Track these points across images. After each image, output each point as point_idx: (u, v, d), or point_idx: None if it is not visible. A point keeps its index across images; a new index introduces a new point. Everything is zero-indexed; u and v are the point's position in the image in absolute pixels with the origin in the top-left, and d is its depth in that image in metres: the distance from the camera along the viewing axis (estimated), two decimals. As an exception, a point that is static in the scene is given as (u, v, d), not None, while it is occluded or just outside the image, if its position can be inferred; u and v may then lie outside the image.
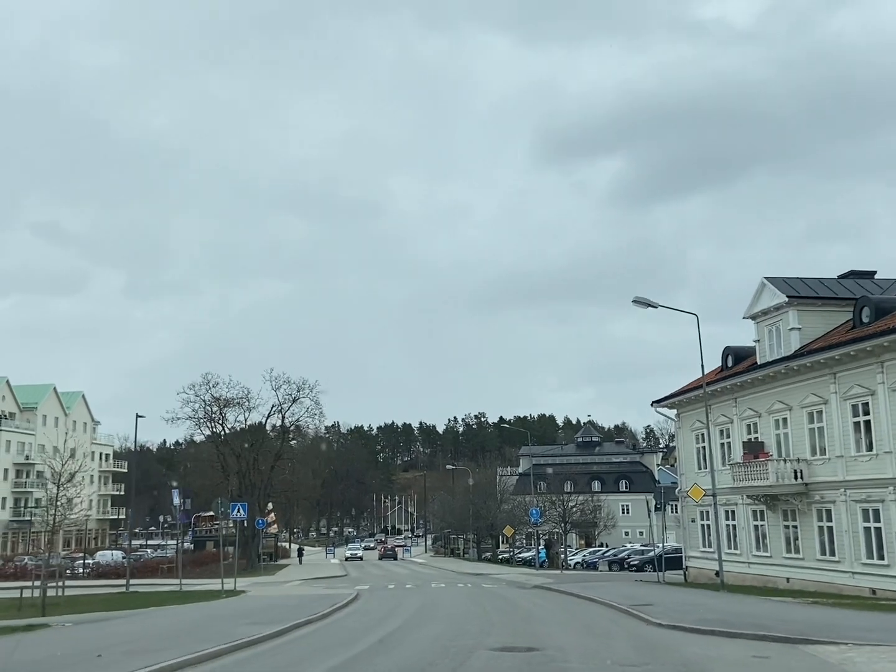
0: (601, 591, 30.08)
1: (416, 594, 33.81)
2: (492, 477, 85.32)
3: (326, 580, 48.94)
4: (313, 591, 36.50)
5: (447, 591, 35.13)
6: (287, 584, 43.54)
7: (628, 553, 58.68)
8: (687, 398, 42.54)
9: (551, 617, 21.72)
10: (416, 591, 36.42)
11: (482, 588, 37.22)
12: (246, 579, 51.15)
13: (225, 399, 73.36)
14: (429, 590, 36.63)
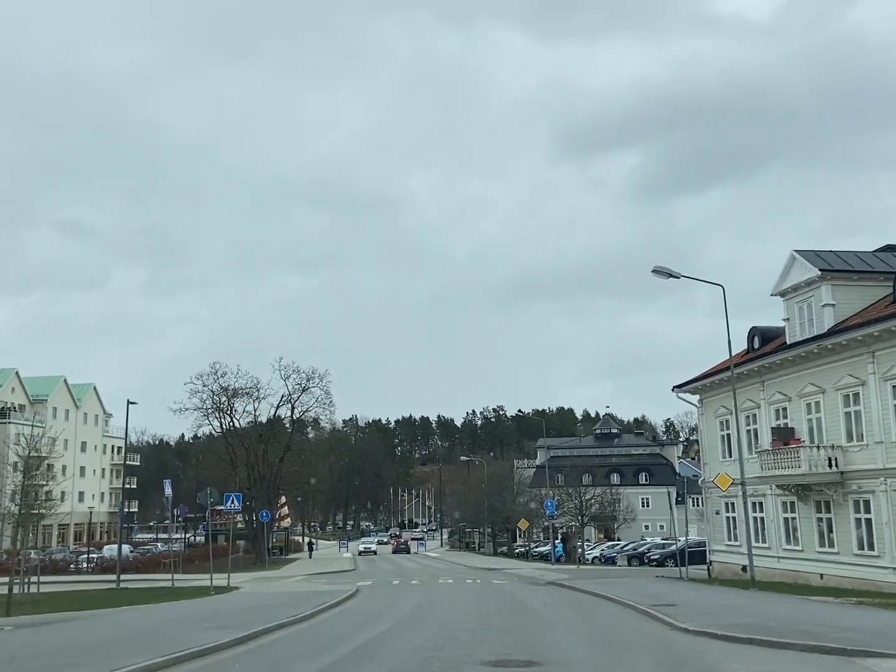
0: (619, 589, 27.24)
1: (418, 591, 31.12)
2: (508, 469, 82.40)
3: (331, 575, 46.35)
4: (311, 587, 33.87)
5: (452, 588, 32.40)
6: (288, 580, 40.95)
7: (648, 547, 55.71)
8: (710, 382, 39.51)
9: (561, 620, 18.92)
10: (420, 587, 33.73)
11: (491, 585, 34.45)
12: (247, 574, 48.72)
13: (233, 389, 70.92)
14: (433, 586, 33.92)
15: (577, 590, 30.00)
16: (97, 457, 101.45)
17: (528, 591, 30.73)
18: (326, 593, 28.64)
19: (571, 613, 20.53)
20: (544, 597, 27.04)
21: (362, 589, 32.98)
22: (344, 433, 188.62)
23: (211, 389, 70.74)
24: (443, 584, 35.20)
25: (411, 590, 32.27)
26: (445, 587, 33.40)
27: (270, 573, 49.51)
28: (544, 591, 30.12)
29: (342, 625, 18.70)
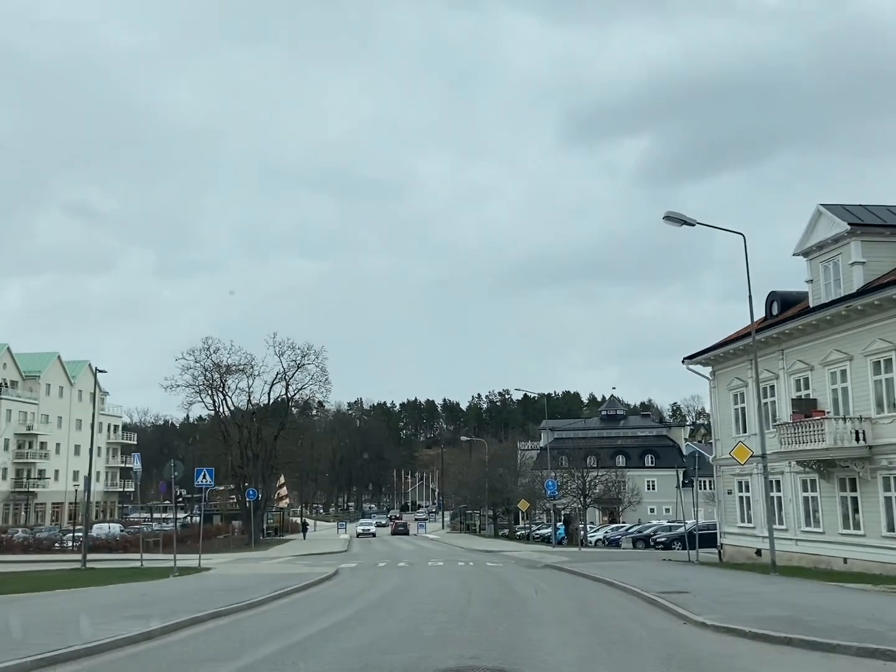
0: (622, 573, 24.12)
1: (401, 574, 28.11)
2: (511, 450, 79.22)
3: (318, 557, 43.39)
4: (289, 569, 30.85)
5: (439, 572, 29.35)
6: (270, 561, 37.98)
7: (654, 529, 52.58)
8: (724, 353, 36.21)
9: (553, 610, 15.81)
10: (405, 570, 30.68)
11: (483, 568, 31.37)
12: (231, 555, 45.87)
13: (226, 365, 67.85)
14: (420, 570, 30.86)
15: (576, 574, 26.90)
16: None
17: (522, 574, 27.65)
18: (298, 576, 25.65)
19: (566, 602, 17.42)
20: (538, 581, 23.94)
21: (342, 571, 30.00)
22: (349, 416, 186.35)
23: (203, 365, 67.73)
24: (431, 567, 32.15)
25: (395, 573, 29.23)
26: (432, 570, 30.36)
27: (256, 554, 46.61)
28: (540, 575, 27.03)
29: (293, 614, 15.64)
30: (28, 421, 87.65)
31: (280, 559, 40.81)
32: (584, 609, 15.98)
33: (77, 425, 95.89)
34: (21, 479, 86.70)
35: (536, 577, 25.70)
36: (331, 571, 28.41)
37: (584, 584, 22.99)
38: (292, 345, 69.08)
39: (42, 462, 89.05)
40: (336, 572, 28.85)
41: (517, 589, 21.08)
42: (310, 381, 69.44)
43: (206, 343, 67.36)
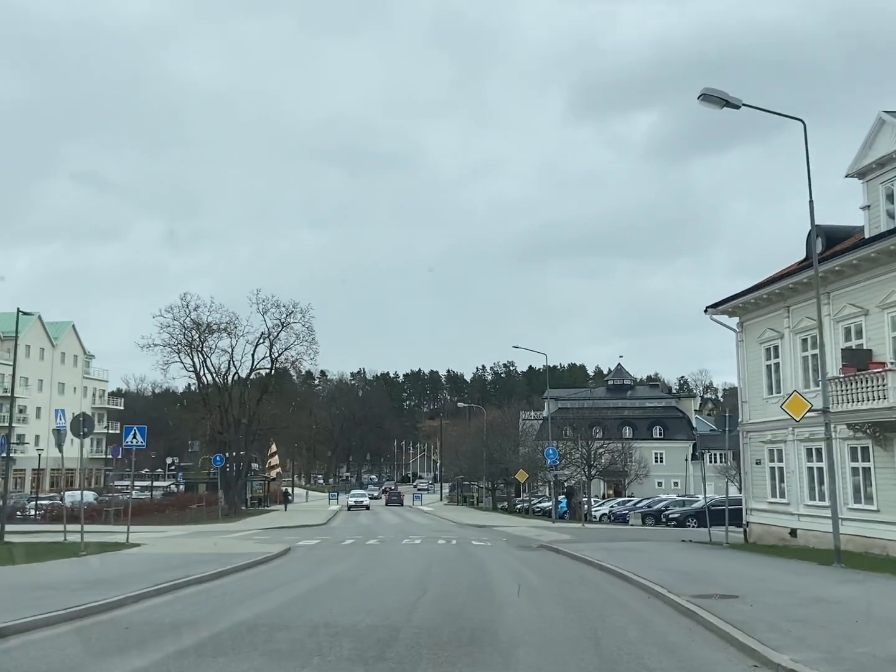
0: (636, 560, 18.58)
1: (359, 557, 22.69)
2: (513, 418, 73.27)
3: (287, 531, 38.01)
4: (233, 547, 25.39)
5: (408, 554, 23.86)
6: (224, 536, 32.58)
7: (665, 504, 47.04)
8: (756, 299, 30.37)
9: (536, 627, 10.21)
10: (369, 550, 25.18)
11: (465, 549, 25.84)
12: (188, 528, 40.63)
13: (206, 324, 62.25)
14: (387, 550, 25.37)
15: (577, 559, 21.35)
16: (76, 399, 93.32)
17: (509, 559, 22.12)
18: (229, 557, 20.25)
19: (557, 610, 11.82)
20: (527, 571, 18.37)
21: (296, 550, 24.63)
22: (351, 386, 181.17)
23: (182, 324, 62.19)
24: (403, 547, 26.67)
25: (354, 554, 23.79)
26: (401, 551, 24.87)
27: (220, 526, 41.26)
28: (531, 561, 21.47)
29: (152, 622, 10.08)
30: (4, 383, 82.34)
31: (241, 533, 35.43)
32: (584, 625, 10.37)
33: (59, 389, 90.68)
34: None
35: (526, 564, 20.13)
36: (277, 550, 23.05)
37: (585, 575, 17.43)
38: (277, 302, 63.52)
39: (20, 426, 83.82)
40: (286, 551, 23.49)
41: (495, 583, 15.49)
42: (295, 341, 63.95)
43: (185, 300, 61.85)
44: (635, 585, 14.50)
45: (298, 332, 63.60)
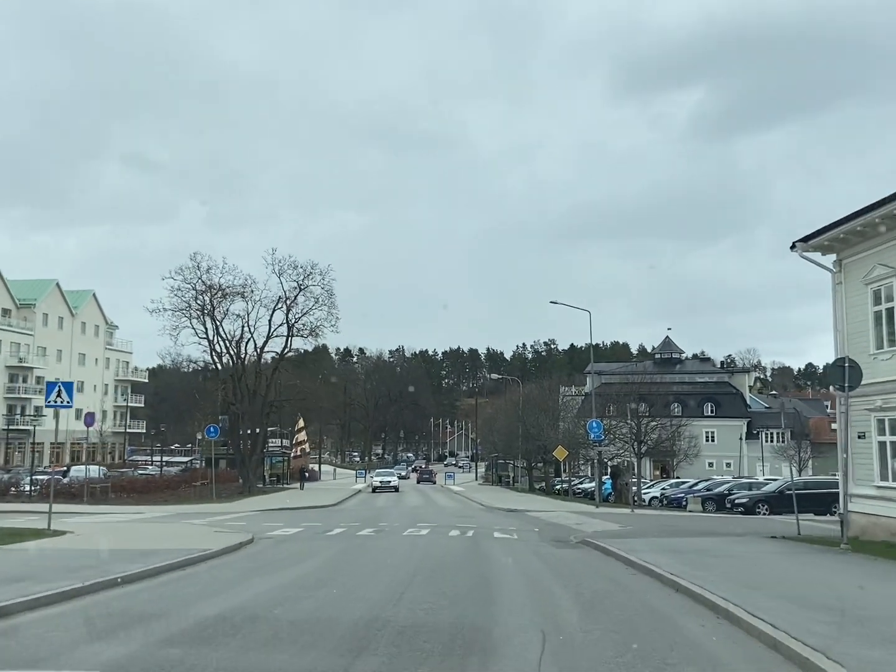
0: (728, 577, 11.90)
1: (321, 557, 16.25)
2: (552, 392, 66.09)
3: (280, 514, 31.85)
4: (184, 539, 19.12)
5: (396, 553, 17.17)
6: (201, 519, 26.47)
7: (728, 487, 39.79)
8: (862, 226, 23.05)
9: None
10: (348, 547, 18.55)
11: (479, 545, 19.04)
12: (171, 508, 34.79)
13: (218, 286, 56.07)
14: (371, 546, 18.72)
15: (636, 567, 14.60)
16: (98, 371, 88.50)
17: (537, 564, 15.43)
18: (152, 554, 13.95)
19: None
20: (560, 590, 11.72)
21: (259, 543, 18.52)
22: (389, 363, 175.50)
23: (193, 287, 56.12)
24: (400, 540, 20.13)
25: (326, 550, 17.44)
26: (392, 547, 18.33)
27: (206, 508, 35.27)
28: (567, 569, 14.76)
29: None
30: (21, 353, 77.47)
31: (222, 516, 29.19)
32: None
33: (80, 360, 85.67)
34: (14, 415, 76.77)
35: (559, 578, 13.43)
36: (224, 546, 16.74)
37: (657, 604, 10.60)
38: (294, 263, 57.14)
39: (38, 398, 78.96)
40: (240, 545, 17.28)
41: (501, 627, 8.71)
42: (314, 305, 57.57)
43: (195, 260, 55.69)
44: (769, 647, 7.64)
45: (317, 295, 57.30)
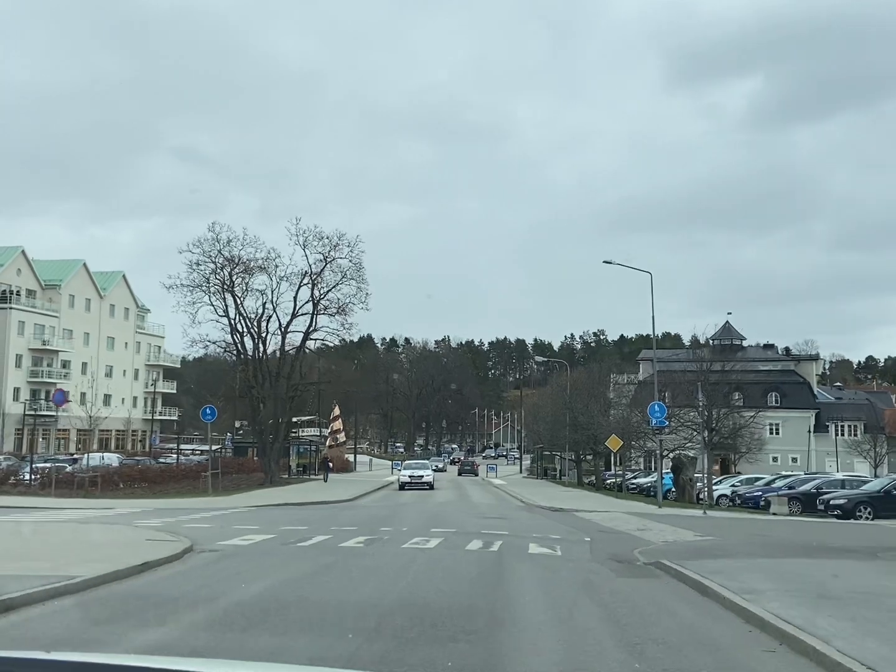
0: None
1: (245, 593, 9.88)
2: (603, 377, 59.10)
3: (292, 509, 26.25)
4: (112, 544, 13.14)
5: (362, 585, 10.78)
6: (158, 520, 20.56)
7: (816, 485, 32.70)
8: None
9: None
10: (299, 575, 12.08)
11: (502, 572, 12.44)
12: (154, 502, 29.13)
13: (238, 258, 50.43)
14: (343, 568, 12.44)
15: (770, 632, 8.04)
16: (128, 355, 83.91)
17: (589, 618, 8.89)
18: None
19: None
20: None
21: (190, 560, 12.49)
22: (435, 353, 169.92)
23: (213, 261, 50.61)
24: (401, 554, 13.98)
25: (278, 572, 11.49)
26: (376, 569, 12.08)
27: (192, 502, 29.53)
28: (644, 623, 8.36)
29: None
30: (45, 335, 73.02)
31: (209, 513, 23.44)
32: None
33: (108, 343, 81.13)
34: (38, 400, 72.33)
35: (634, 654, 6.94)
36: (114, 569, 10.70)
37: None
38: (319, 233, 51.26)
39: (63, 383, 74.51)
40: (165, 561, 11.52)
41: None
42: (342, 279, 51.65)
43: (214, 231, 50.09)
44: None
45: (345, 268, 51.40)
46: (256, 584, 10.60)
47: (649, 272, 35.39)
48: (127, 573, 11.10)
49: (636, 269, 36.45)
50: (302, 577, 11.23)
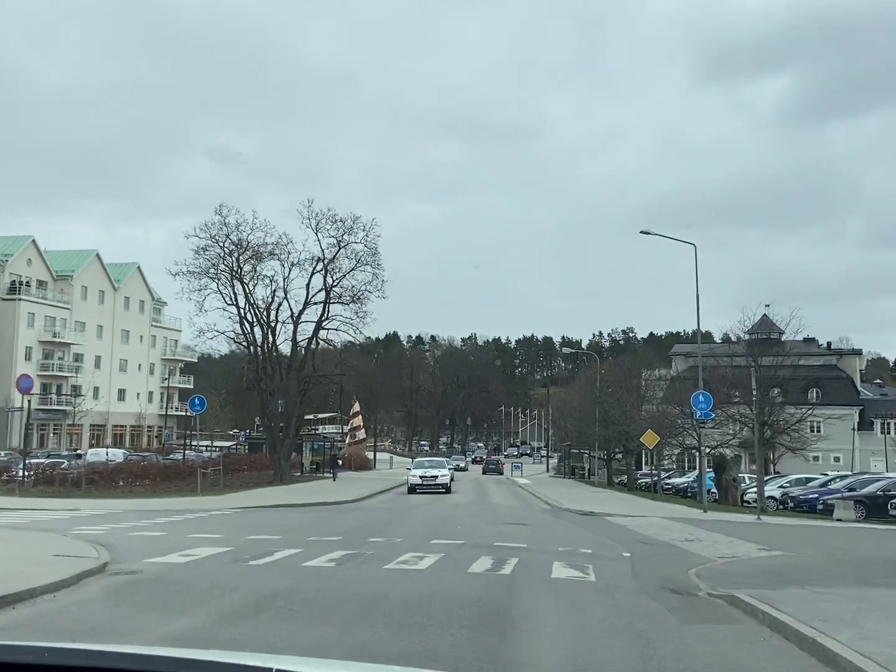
0: None
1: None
2: (635, 370, 54.78)
3: (289, 510, 22.78)
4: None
5: (295, 647, 7.05)
6: (90, 529, 17.04)
7: (883, 486, 28.38)
8: None
9: None
10: (230, 610, 8.45)
11: (511, 606, 8.82)
12: (135, 502, 25.80)
13: (246, 243, 46.99)
14: (284, 606, 8.68)
15: None
16: (143, 349, 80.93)
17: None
18: None
19: None
20: None
21: (93, 585, 8.68)
22: (461, 350, 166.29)
23: (221, 245, 47.25)
24: (380, 578, 10.24)
25: (203, 610, 7.66)
26: (332, 607, 8.22)
27: (182, 502, 26.08)
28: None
29: None
30: (56, 327, 70.18)
31: (175, 518, 19.90)
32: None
33: (123, 337, 78.17)
34: (48, 395, 69.53)
35: None
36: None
37: None
38: (333, 216, 47.68)
39: (76, 377, 71.75)
40: (68, 584, 7.65)
41: None
42: (356, 264, 48.05)
43: (222, 214, 46.65)
44: None
45: (359, 253, 47.80)
46: (113, 645, 6.89)
47: (693, 243, 31.57)
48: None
49: (678, 240, 32.79)
50: (200, 629, 7.44)
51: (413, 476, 38.95)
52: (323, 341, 50.25)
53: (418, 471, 39.63)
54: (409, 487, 38.04)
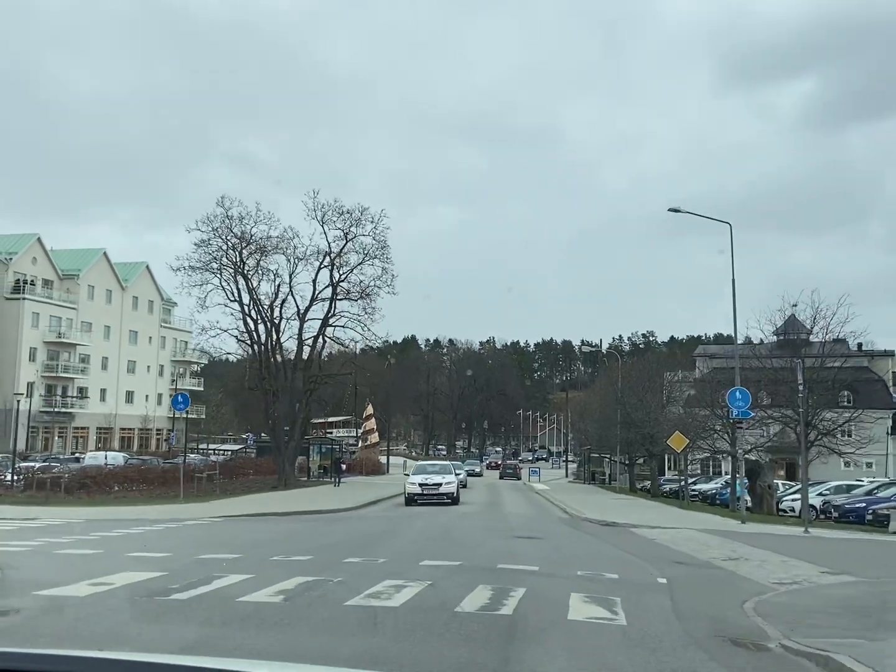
0: None
1: None
2: (658, 370, 51.39)
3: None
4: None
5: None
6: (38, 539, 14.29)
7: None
8: None
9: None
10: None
11: (511, 667, 6.02)
12: (127, 509, 23.49)
13: (250, 236, 44.47)
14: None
15: None
16: (152, 350, 78.61)
17: None
18: None
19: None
20: None
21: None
22: (479, 354, 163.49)
23: (224, 239, 44.79)
24: (346, 613, 7.54)
25: None
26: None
27: (165, 509, 23.47)
28: None
29: None
30: (62, 327, 67.97)
31: (133, 529, 17.19)
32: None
33: (131, 338, 75.91)
34: (53, 396, 67.31)
35: None
36: None
37: None
38: (339, 208, 45.10)
39: (81, 378, 69.55)
40: None
41: None
42: (364, 258, 45.39)
43: (224, 206, 44.16)
44: None
45: (368, 247, 45.16)
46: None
47: (728, 222, 28.82)
48: None
49: (712, 218, 29.98)
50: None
51: (411, 484, 31.18)
52: (331, 339, 47.78)
53: (418, 477, 31.69)
54: (407, 498, 30.62)
